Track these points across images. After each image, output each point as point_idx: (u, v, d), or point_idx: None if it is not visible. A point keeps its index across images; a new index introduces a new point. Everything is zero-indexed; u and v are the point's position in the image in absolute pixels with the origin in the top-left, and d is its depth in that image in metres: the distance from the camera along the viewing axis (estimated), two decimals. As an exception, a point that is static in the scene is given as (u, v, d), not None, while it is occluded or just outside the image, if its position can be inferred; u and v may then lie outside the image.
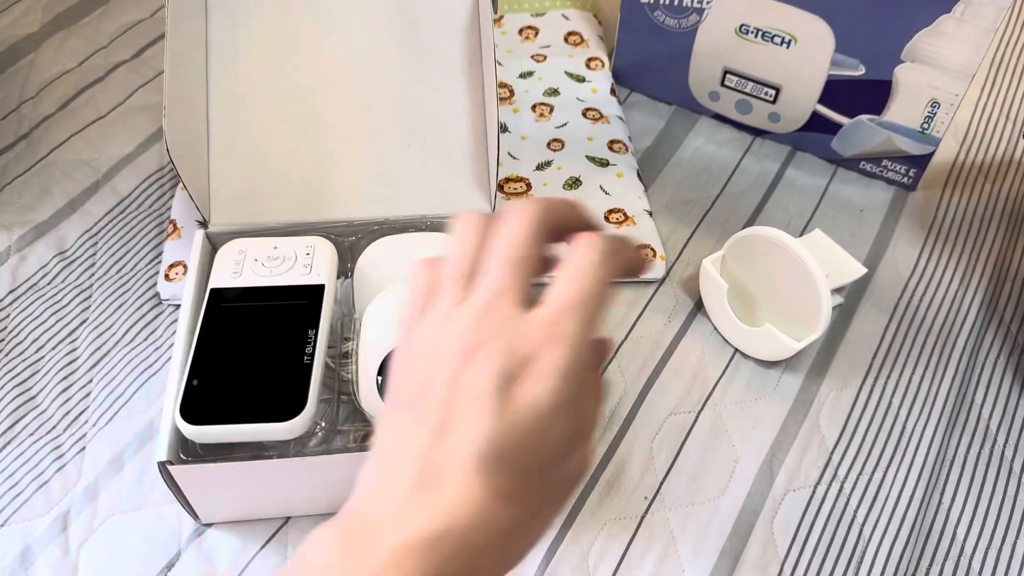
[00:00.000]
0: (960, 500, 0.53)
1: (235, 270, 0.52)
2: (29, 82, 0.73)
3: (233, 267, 0.52)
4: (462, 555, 0.27)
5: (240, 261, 0.52)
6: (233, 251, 0.53)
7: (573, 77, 0.73)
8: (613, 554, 0.50)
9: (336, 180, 0.57)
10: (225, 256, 0.53)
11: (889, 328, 0.60)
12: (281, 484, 0.48)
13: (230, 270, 0.52)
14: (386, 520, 0.28)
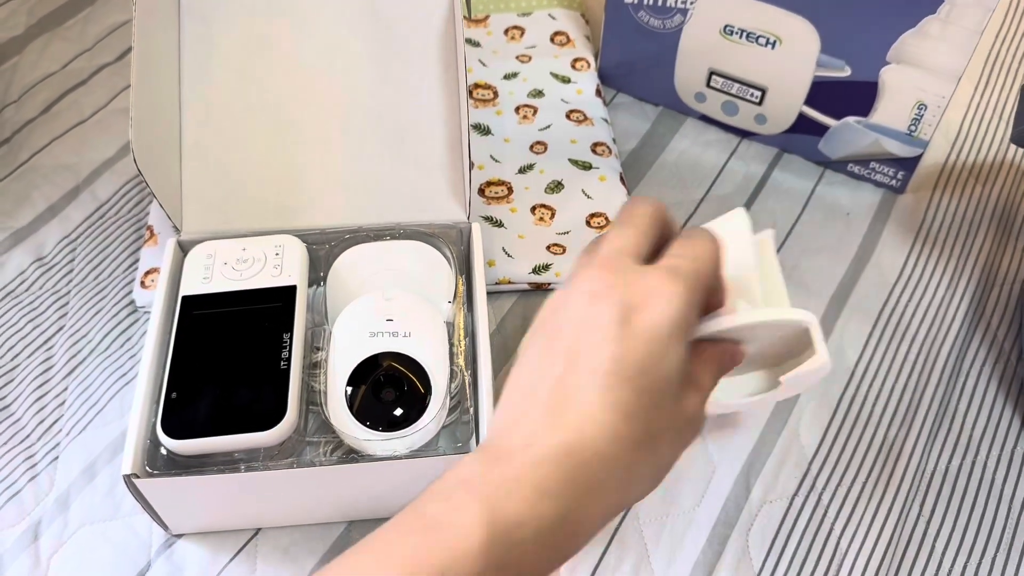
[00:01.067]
0: (940, 512, 0.52)
1: (205, 275, 0.52)
2: (12, 86, 0.73)
3: (203, 272, 0.52)
4: (592, 463, 0.31)
5: (209, 266, 0.52)
6: (202, 255, 0.53)
7: (558, 78, 0.72)
8: (586, 566, 0.49)
9: (310, 187, 0.57)
10: (194, 261, 0.53)
11: (872, 335, 0.59)
12: (251, 496, 0.48)
13: (200, 275, 0.52)
14: (523, 439, 0.32)
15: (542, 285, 0.60)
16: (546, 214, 0.64)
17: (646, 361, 0.32)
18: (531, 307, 0.60)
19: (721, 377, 0.38)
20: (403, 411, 0.49)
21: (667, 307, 0.33)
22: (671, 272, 0.34)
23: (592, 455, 0.31)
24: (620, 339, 0.32)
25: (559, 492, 0.31)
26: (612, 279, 0.34)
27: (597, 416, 0.32)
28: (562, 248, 0.61)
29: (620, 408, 0.32)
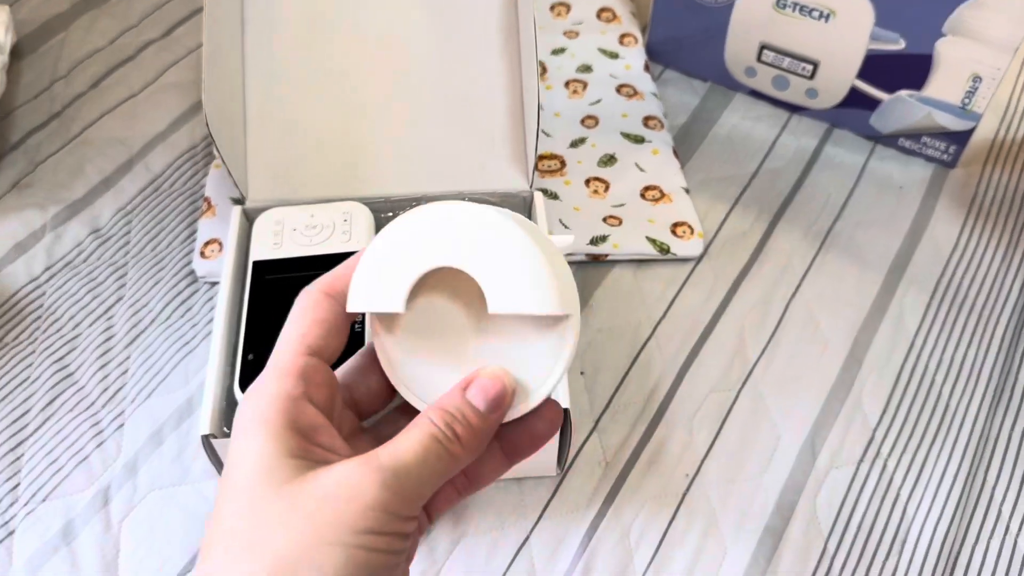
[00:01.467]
0: (1005, 478, 0.52)
1: (275, 241, 0.52)
2: (61, 61, 0.73)
3: (272, 238, 0.52)
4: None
5: (279, 232, 0.52)
6: (270, 222, 0.53)
7: (606, 54, 0.72)
8: (655, 532, 0.50)
9: (372, 156, 0.57)
10: (262, 227, 0.53)
11: (931, 306, 0.59)
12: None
13: (270, 241, 0.52)
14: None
15: (599, 256, 0.60)
16: (600, 187, 0.64)
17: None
18: (588, 278, 0.60)
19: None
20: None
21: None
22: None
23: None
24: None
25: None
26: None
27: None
28: (618, 220, 0.62)
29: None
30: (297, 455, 0.30)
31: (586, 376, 0.56)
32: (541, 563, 0.49)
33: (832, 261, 0.61)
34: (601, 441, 0.53)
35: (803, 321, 0.58)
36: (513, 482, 0.51)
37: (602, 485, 0.51)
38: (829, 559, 0.49)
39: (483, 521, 0.50)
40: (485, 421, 0.32)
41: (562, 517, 0.50)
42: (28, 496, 0.50)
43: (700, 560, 0.49)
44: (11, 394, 0.54)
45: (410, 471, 0.30)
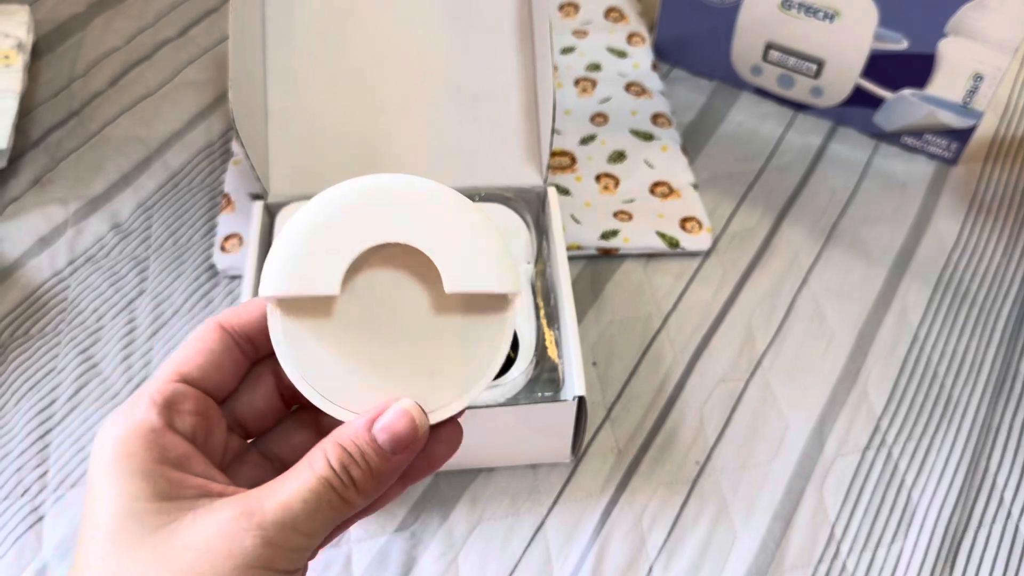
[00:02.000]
0: (1007, 465, 0.53)
1: None
2: (79, 60, 0.74)
3: None
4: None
5: None
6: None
7: (614, 52, 0.74)
8: (667, 517, 0.51)
9: (390, 152, 0.58)
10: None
11: (933, 300, 0.61)
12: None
13: None
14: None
15: (610, 250, 0.62)
16: (610, 183, 0.65)
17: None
18: (599, 272, 0.62)
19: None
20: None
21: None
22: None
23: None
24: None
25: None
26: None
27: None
28: (628, 215, 0.63)
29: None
30: (165, 496, 0.27)
31: (598, 367, 0.57)
32: (556, 547, 0.50)
33: (838, 255, 0.63)
34: (614, 429, 0.54)
35: (810, 313, 0.60)
36: (528, 468, 0.53)
37: (615, 472, 0.53)
38: (836, 543, 0.50)
39: (499, 507, 0.51)
40: (388, 463, 0.29)
41: (576, 503, 0.52)
42: (57, 482, 0.52)
43: (711, 545, 0.50)
44: (38, 384, 0.55)
45: (297, 524, 0.27)
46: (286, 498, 0.27)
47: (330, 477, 0.28)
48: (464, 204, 0.30)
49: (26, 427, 0.54)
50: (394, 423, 0.28)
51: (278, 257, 0.29)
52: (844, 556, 0.50)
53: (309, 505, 0.27)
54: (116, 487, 0.27)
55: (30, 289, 0.60)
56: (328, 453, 0.28)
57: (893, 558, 0.50)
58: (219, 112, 0.71)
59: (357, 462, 0.28)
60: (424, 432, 0.29)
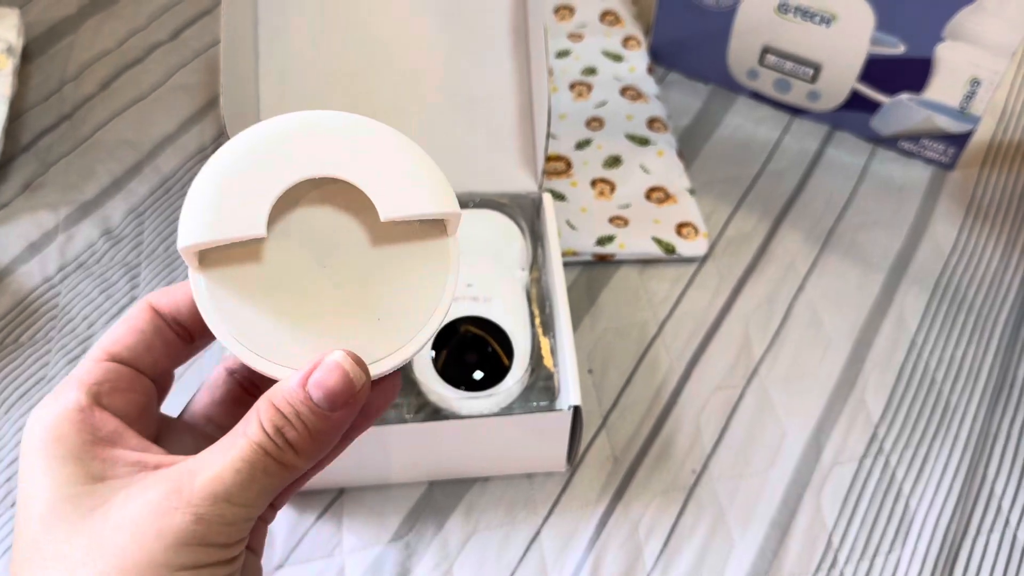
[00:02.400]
0: (1005, 473, 0.53)
1: None
2: (70, 63, 0.73)
3: None
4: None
5: None
6: None
7: (610, 56, 0.73)
8: (663, 526, 0.51)
9: (384, 158, 0.58)
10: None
11: (931, 304, 0.60)
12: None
13: None
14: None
15: (606, 256, 0.61)
16: (606, 188, 0.65)
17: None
18: (595, 278, 0.61)
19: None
20: (485, 374, 0.50)
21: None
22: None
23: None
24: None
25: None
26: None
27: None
28: (624, 221, 0.63)
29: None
30: (99, 477, 0.26)
31: (594, 374, 0.57)
32: (552, 557, 0.50)
33: (835, 261, 0.62)
34: (609, 437, 0.54)
35: (807, 320, 0.59)
36: (523, 477, 0.52)
37: (611, 480, 0.52)
38: (833, 552, 0.50)
39: (494, 516, 0.51)
40: (327, 422, 0.27)
41: (572, 512, 0.51)
42: (46, 493, 0.51)
43: (708, 553, 0.50)
44: (28, 392, 0.55)
45: (231, 496, 0.25)
46: (218, 470, 0.25)
47: (263, 442, 0.26)
48: (393, 133, 0.28)
49: (16, 436, 0.53)
50: (327, 378, 0.26)
51: (194, 204, 0.26)
52: (841, 565, 0.50)
53: (243, 475, 0.25)
54: (48, 473, 0.26)
55: (20, 296, 0.59)
56: (261, 415, 0.26)
57: (891, 567, 0.50)
58: (212, 116, 0.70)
59: (292, 423, 0.26)
60: (363, 385, 0.27)
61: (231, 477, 0.25)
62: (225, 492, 0.25)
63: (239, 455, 0.26)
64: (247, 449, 0.26)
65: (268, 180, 0.26)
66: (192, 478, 0.25)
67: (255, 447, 0.26)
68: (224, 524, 0.25)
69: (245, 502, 0.26)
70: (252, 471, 0.26)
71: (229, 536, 0.26)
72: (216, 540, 0.25)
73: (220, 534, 0.25)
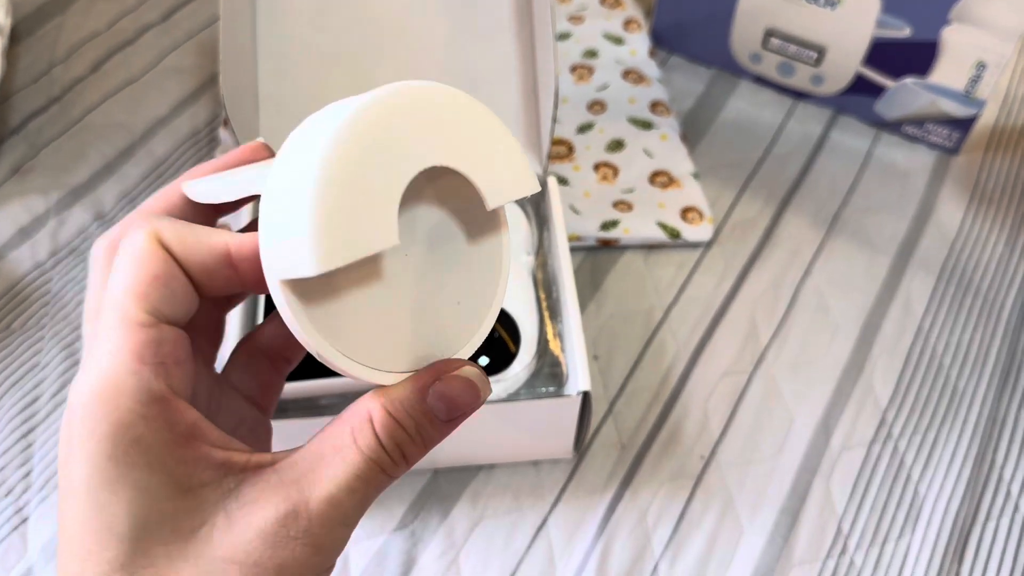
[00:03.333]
0: (1014, 458, 0.53)
1: None
2: (59, 45, 0.72)
3: None
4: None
5: None
6: None
7: (611, 39, 0.72)
8: (672, 513, 0.50)
9: (385, 140, 0.57)
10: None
11: (937, 289, 0.60)
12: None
13: None
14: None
15: (610, 242, 0.61)
16: (609, 172, 0.64)
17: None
18: (599, 264, 0.60)
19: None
20: (491, 359, 0.49)
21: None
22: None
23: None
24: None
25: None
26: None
27: None
28: (628, 205, 0.62)
29: None
30: (184, 485, 0.22)
31: (600, 360, 0.56)
32: (559, 545, 0.49)
33: (840, 246, 0.62)
34: (616, 424, 0.53)
35: (814, 305, 0.59)
36: (529, 465, 0.51)
37: (618, 468, 0.52)
38: (843, 539, 0.49)
39: (500, 504, 0.50)
40: (442, 434, 0.24)
41: (579, 500, 0.50)
42: (42, 483, 0.50)
43: (717, 541, 0.49)
44: (21, 380, 0.53)
45: (348, 519, 0.23)
46: (333, 490, 0.22)
47: (381, 459, 0.23)
48: (484, 111, 0.25)
49: (8, 425, 0.52)
50: (451, 389, 0.23)
51: (321, 217, 0.21)
52: (852, 551, 0.49)
53: (358, 495, 0.23)
54: (133, 486, 0.22)
55: (11, 282, 0.58)
56: (377, 424, 0.23)
57: (901, 553, 0.49)
58: (205, 99, 0.69)
59: (411, 435, 0.23)
60: (486, 398, 0.25)
61: (348, 499, 0.22)
62: (343, 517, 0.23)
63: (354, 472, 0.23)
64: (363, 466, 0.23)
65: (382, 183, 0.22)
66: (306, 499, 0.22)
67: (371, 464, 0.23)
68: (337, 549, 0.23)
69: (356, 522, 0.23)
70: (367, 489, 0.23)
71: (333, 559, 0.24)
72: (328, 564, 0.23)
73: (333, 558, 0.23)
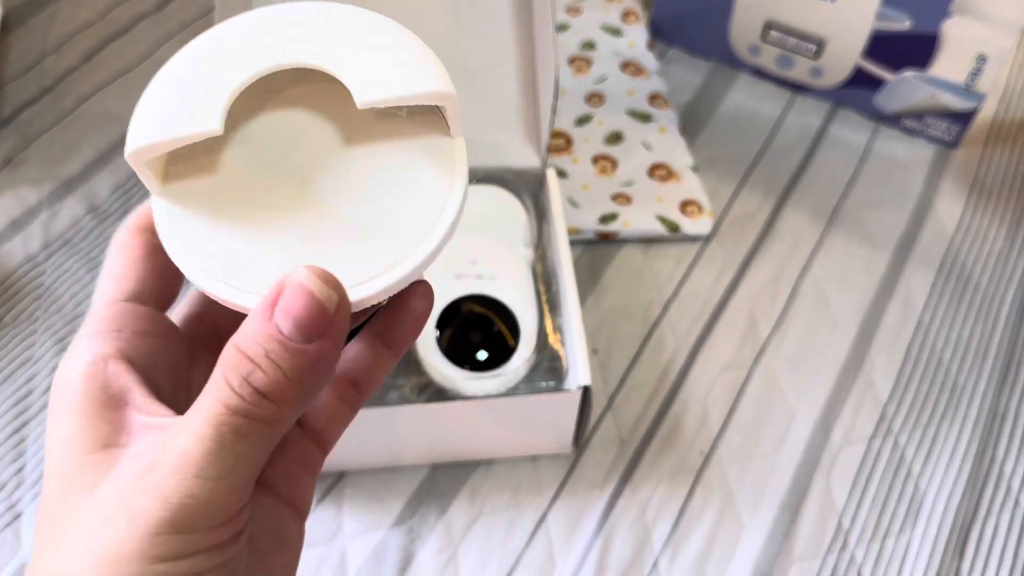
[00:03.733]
0: (1014, 453, 0.53)
1: None
2: (51, 34, 0.71)
3: None
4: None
5: None
6: None
7: (609, 31, 0.72)
8: (671, 508, 0.50)
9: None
10: None
11: (937, 284, 0.60)
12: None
13: None
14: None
15: (609, 235, 0.60)
16: (608, 165, 0.63)
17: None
18: (598, 257, 0.60)
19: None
20: (490, 353, 0.49)
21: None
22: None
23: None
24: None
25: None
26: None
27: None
28: (627, 199, 0.61)
29: None
30: (104, 443, 0.23)
31: (599, 355, 0.55)
32: (559, 541, 0.48)
33: (840, 240, 0.61)
34: (616, 419, 0.53)
35: (813, 300, 0.58)
36: (527, 460, 0.51)
37: (618, 463, 0.51)
38: (844, 534, 0.49)
39: (499, 500, 0.50)
40: (304, 357, 0.22)
41: (579, 495, 0.50)
42: (35, 478, 0.49)
43: (718, 536, 0.49)
44: (14, 374, 0.53)
45: (201, 470, 0.21)
46: (183, 441, 0.21)
47: (228, 399, 0.21)
48: (374, 16, 0.24)
49: (1, 419, 0.51)
50: (293, 304, 0.21)
51: (141, 108, 0.23)
52: (852, 547, 0.49)
53: (209, 443, 0.21)
54: (56, 440, 0.23)
55: (3, 275, 0.57)
56: (223, 366, 0.22)
57: (901, 548, 0.49)
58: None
59: (261, 366, 0.21)
60: (338, 307, 0.22)
61: (197, 448, 0.21)
62: (194, 467, 0.21)
63: (203, 419, 0.21)
64: (211, 410, 0.21)
65: (224, 75, 0.23)
66: (164, 449, 0.22)
67: (219, 407, 0.21)
68: (198, 505, 0.21)
69: (220, 474, 0.21)
70: (220, 437, 0.21)
71: (211, 518, 0.21)
72: (194, 525, 0.21)
73: (196, 517, 0.21)
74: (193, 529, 0.21)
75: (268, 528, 0.25)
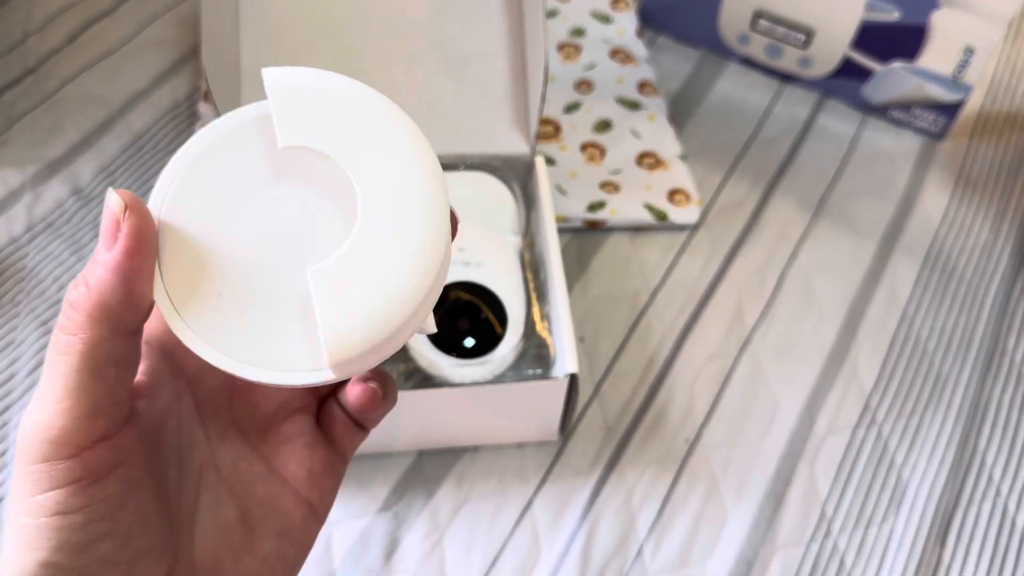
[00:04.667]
0: (996, 443, 0.53)
1: None
2: (33, 15, 0.70)
3: None
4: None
5: None
6: None
7: (598, 17, 0.72)
8: (657, 496, 0.50)
9: (371, 117, 0.56)
10: None
11: (922, 275, 0.60)
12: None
13: None
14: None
15: (597, 223, 0.60)
16: (596, 153, 0.63)
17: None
18: (585, 245, 0.60)
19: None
20: (477, 341, 0.48)
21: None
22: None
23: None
24: None
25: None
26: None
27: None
28: (615, 187, 0.61)
29: None
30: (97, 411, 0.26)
31: (586, 342, 0.55)
32: (544, 527, 0.49)
33: (827, 230, 0.62)
34: (602, 407, 0.53)
35: (799, 289, 0.58)
36: (514, 447, 0.51)
37: (604, 450, 0.51)
38: (827, 522, 0.50)
39: (485, 486, 0.50)
40: (103, 267, 0.24)
41: (564, 482, 0.50)
42: (17, 462, 0.49)
43: (702, 524, 0.49)
44: (-4, 358, 0.52)
45: (42, 395, 0.24)
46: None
47: (57, 322, 0.25)
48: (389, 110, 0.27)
49: (-17, 403, 0.51)
50: (101, 224, 0.25)
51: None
52: (836, 535, 0.49)
53: (45, 369, 0.25)
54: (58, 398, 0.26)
55: (-15, 257, 0.56)
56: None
57: (884, 536, 0.49)
58: (185, 72, 0.67)
59: (76, 284, 0.25)
60: (128, 213, 0.24)
61: (42, 379, 0.25)
62: (37, 396, 0.24)
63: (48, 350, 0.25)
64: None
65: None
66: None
67: (53, 331, 0.25)
68: (42, 431, 0.24)
69: (54, 398, 0.24)
70: (49, 360, 0.24)
71: (60, 446, 0.24)
72: (47, 455, 0.24)
73: (49, 445, 0.24)
74: (48, 458, 0.24)
75: (265, 506, 0.28)
